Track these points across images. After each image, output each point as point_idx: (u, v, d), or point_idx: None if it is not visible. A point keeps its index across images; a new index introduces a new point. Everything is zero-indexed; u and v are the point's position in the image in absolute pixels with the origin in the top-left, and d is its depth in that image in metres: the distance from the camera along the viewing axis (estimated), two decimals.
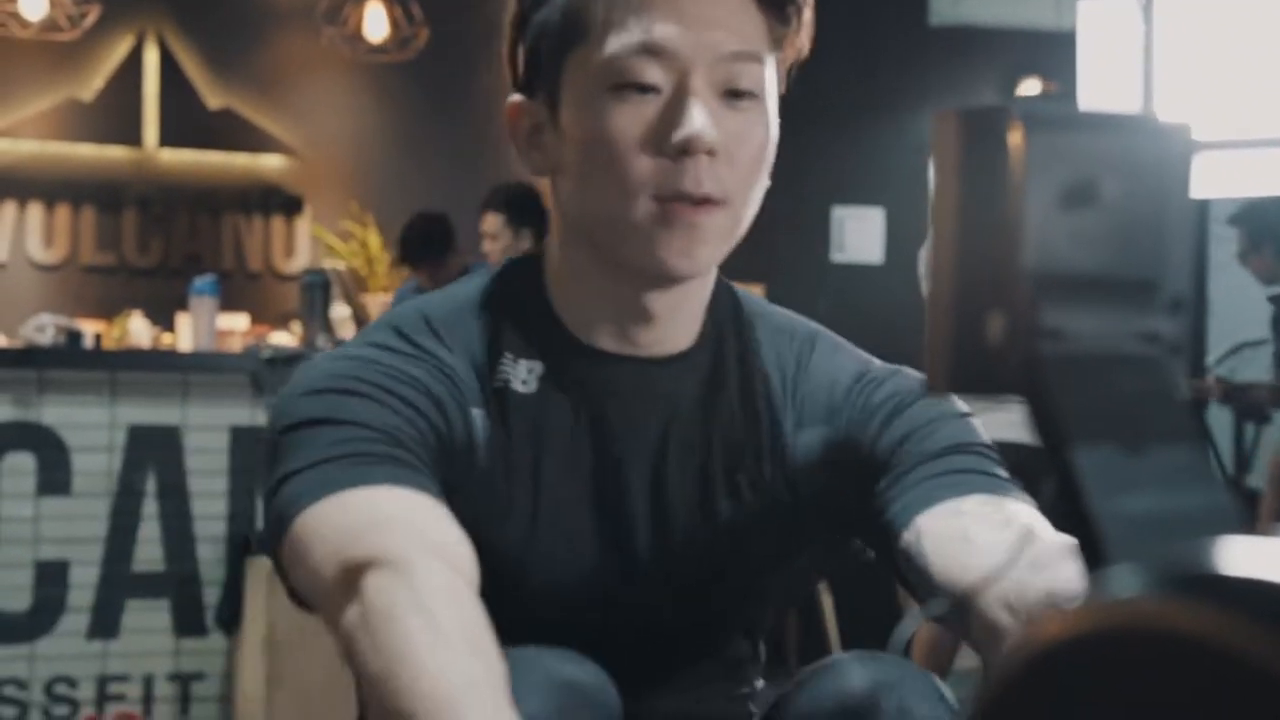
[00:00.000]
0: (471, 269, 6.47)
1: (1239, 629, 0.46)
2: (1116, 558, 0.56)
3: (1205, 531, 0.58)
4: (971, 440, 1.49)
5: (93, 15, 7.30)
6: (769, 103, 1.44)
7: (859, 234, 7.91)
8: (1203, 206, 7.54)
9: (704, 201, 1.39)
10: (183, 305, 6.57)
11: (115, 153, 7.89)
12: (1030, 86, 8.18)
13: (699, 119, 1.37)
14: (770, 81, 1.44)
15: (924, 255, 4.63)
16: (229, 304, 6.72)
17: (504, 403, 1.47)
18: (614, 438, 1.49)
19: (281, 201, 8.11)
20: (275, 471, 1.39)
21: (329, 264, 7.11)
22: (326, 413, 1.39)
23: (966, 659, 7.40)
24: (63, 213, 7.80)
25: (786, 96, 1.52)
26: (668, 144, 1.37)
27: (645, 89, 1.38)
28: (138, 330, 7.00)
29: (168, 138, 7.95)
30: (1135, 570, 0.49)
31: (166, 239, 7.98)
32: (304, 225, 8.13)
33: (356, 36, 7.83)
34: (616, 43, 1.39)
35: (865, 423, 1.52)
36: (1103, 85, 7.33)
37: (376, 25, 7.85)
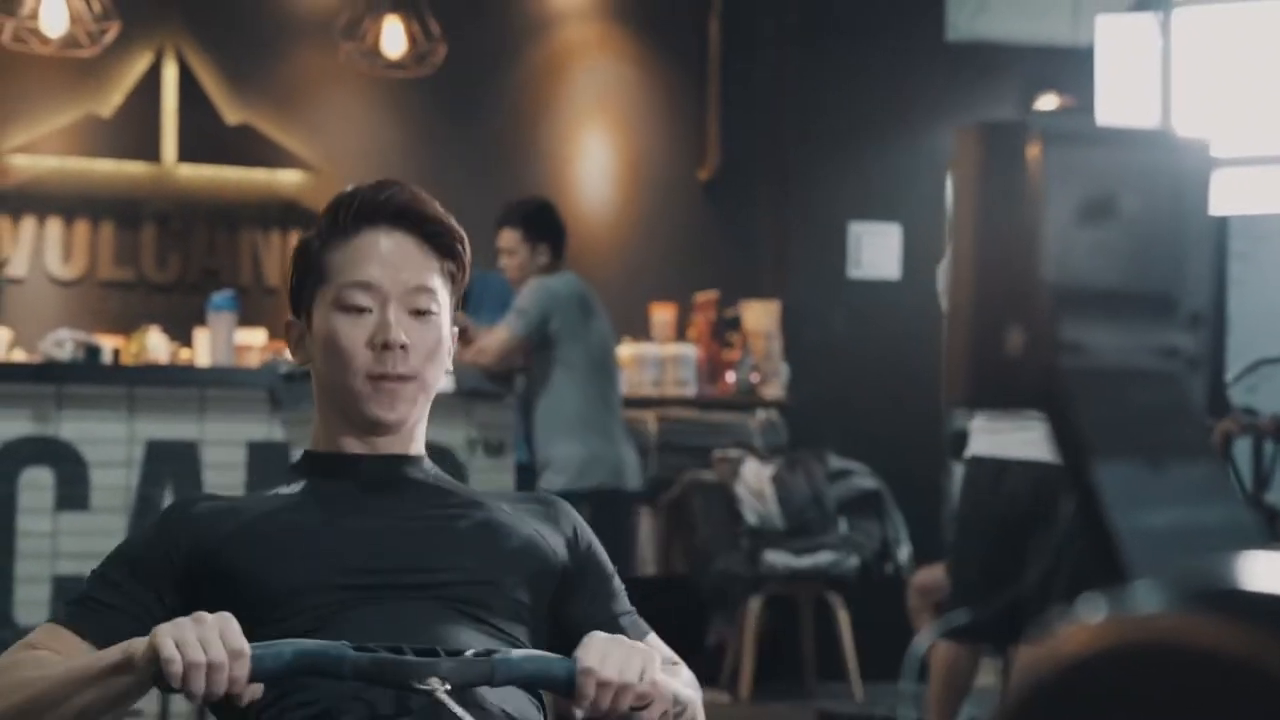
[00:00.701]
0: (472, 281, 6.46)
1: (1259, 643, 0.46)
2: (1137, 572, 0.56)
3: (1225, 546, 0.58)
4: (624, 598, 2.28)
5: (112, 32, 7.32)
6: (444, 316, 2.19)
7: (876, 250, 7.91)
8: (1222, 223, 7.53)
9: (399, 378, 2.14)
10: (201, 320, 6.59)
11: (134, 168, 7.91)
12: (1048, 102, 8.17)
13: (393, 327, 2.13)
14: (444, 301, 2.19)
15: (942, 270, 4.62)
16: (247, 319, 6.73)
17: (273, 502, 2.21)
18: (361, 495, 2.19)
19: (299, 217, 8.12)
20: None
21: None
22: (102, 568, 2.15)
23: (985, 676, 7.38)
24: (81, 228, 7.82)
25: (804, 112, 1.54)
26: (375, 343, 2.13)
27: (361, 309, 2.15)
28: (156, 345, 7.01)
29: (186, 153, 7.96)
30: (1156, 585, 0.49)
31: (185, 254, 7.99)
32: None
33: (374, 52, 7.85)
34: (343, 279, 2.16)
35: (567, 537, 2.25)
36: (1121, 100, 7.32)
37: (394, 41, 7.86)
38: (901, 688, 5.18)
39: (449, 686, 1.88)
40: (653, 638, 2.22)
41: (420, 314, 2.16)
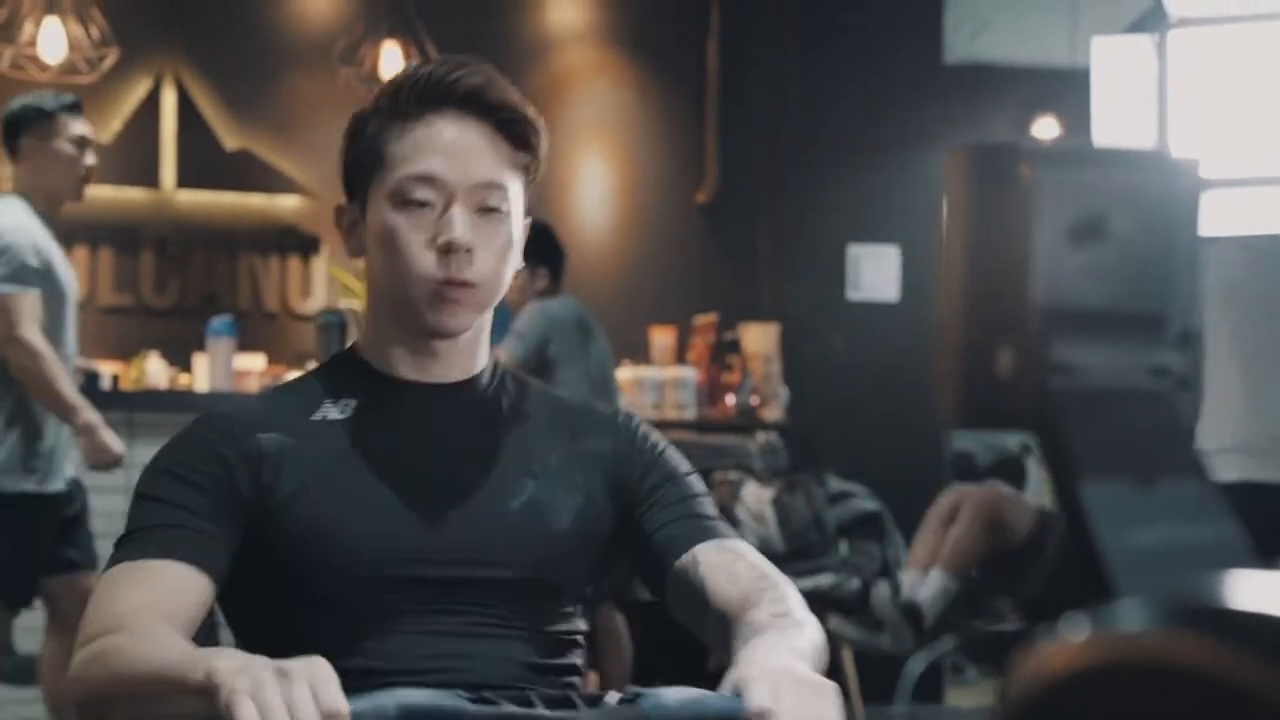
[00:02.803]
0: None
1: (1245, 663, 0.46)
2: (1126, 591, 0.56)
3: (1214, 565, 0.58)
4: (705, 493, 2.13)
5: (111, 58, 7.34)
6: (514, 215, 2.00)
7: (874, 272, 7.91)
8: (1206, 243, 7.52)
9: (462, 285, 1.95)
10: (200, 346, 6.60)
11: (133, 194, 7.92)
12: (1045, 124, 8.19)
13: (458, 228, 1.94)
14: (515, 198, 2.00)
15: None
16: (246, 344, 6.74)
17: (325, 429, 2.01)
18: (413, 439, 2.01)
19: (298, 242, 8.13)
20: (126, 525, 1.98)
21: (345, 304, 7.12)
22: (149, 490, 1.99)
23: (963, 698, 7.37)
24: (80, 253, 7.82)
25: (803, 135, 1.55)
26: (438, 243, 1.94)
27: (423, 204, 1.96)
28: (155, 371, 7.02)
29: (185, 179, 7.97)
30: (1143, 604, 0.49)
31: (184, 279, 8.00)
32: (320, 265, 8.15)
33: (372, 77, 7.86)
34: (404, 171, 1.97)
35: (636, 455, 2.09)
36: (1117, 121, 7.33)
37: (392, 66, 7.87)
38: (895, 710, 5.18)
39: None
40: (742, 545, 2.01)
41: (488, 212, 1.96)
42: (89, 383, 5.94)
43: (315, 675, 1.54)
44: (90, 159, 4.98)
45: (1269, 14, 6.93)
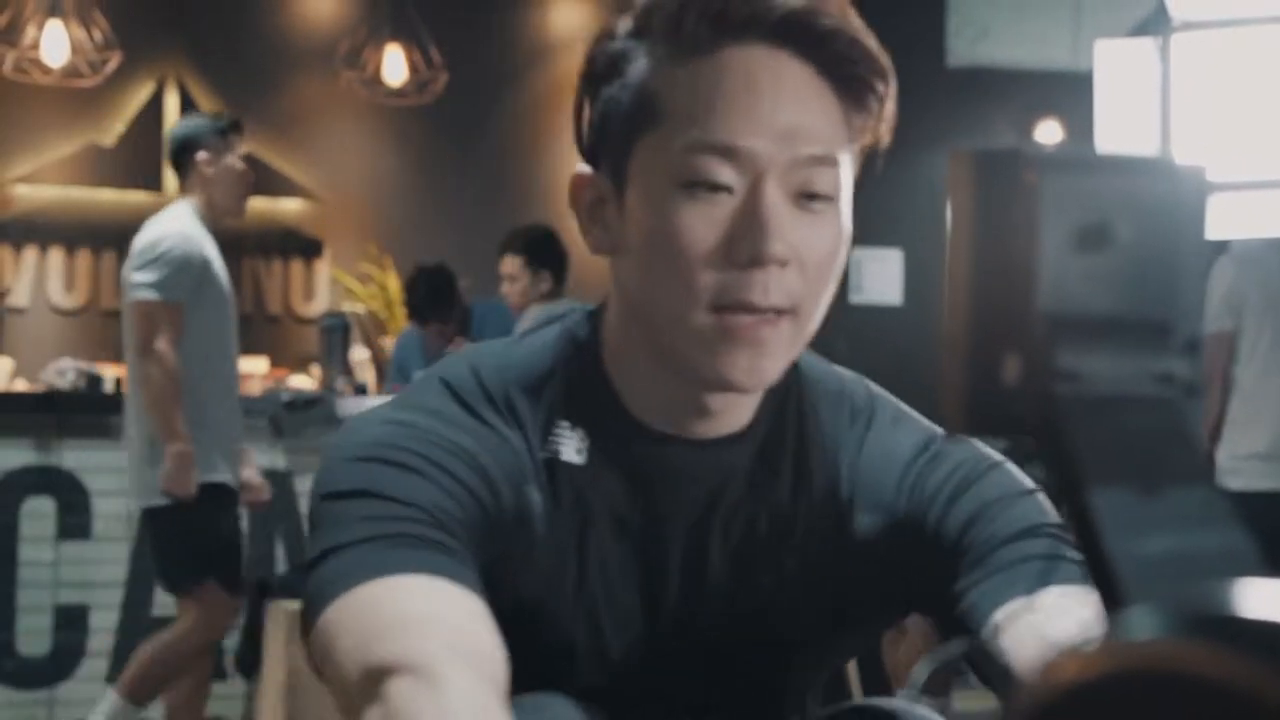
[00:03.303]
0: (473, 308, 6.47)
1: (1255, 672, 0.46)
2: (1133, 600, 0.56)
3: (1222, 573, 0.58)
4: (1043, 522, 1.42)
5: (114, 62, 7.34)
6: (843, 203, 1.39)
7: (877, 275, 7.91)
8: (1221, 248, 7.52)
9: (771, 313, 1.34)
10: None
11: (136, 197, 7.92)
12: (1048, 127, 8.18)
13: (772, 230, 1.32)
14: (846, 180, 1.40)
15: None
16: (248, 347, 6.73)
17: (554, 473, 1.44)
18: (657, 513, 1.47)
19: (300, 245, 8.14)
20: (315, 544, 1.34)
21: (348, 307, 7.13)
22: (369, 484, 1.34)
23: (970, 701, 7.35)
24: (84, 257, 7.83)
25: None
26: (738, 253, 1.32)
27: (717, 188, 1.33)
28: None
29: None
30: (1151, 612, 0.49)
31: None
32: (323, 268, 8.16)
33: (375, 80, 7.86)
34: (691, 137, 1.33)
35: (928, 504, 1.47)
36: (1120, 125, 7.33)
37: (395, 69, 7.88)
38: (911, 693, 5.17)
39: None
40: (1062, 593, 1.36)
41: (814, 200, 1.36)
42: (91, 386, 5.94)
43: None
44: (251, 176, 5.15)
45: (1273, 17, 6.92)
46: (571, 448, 1.45)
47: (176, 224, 4.90)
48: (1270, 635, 0.46)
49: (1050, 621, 1.32)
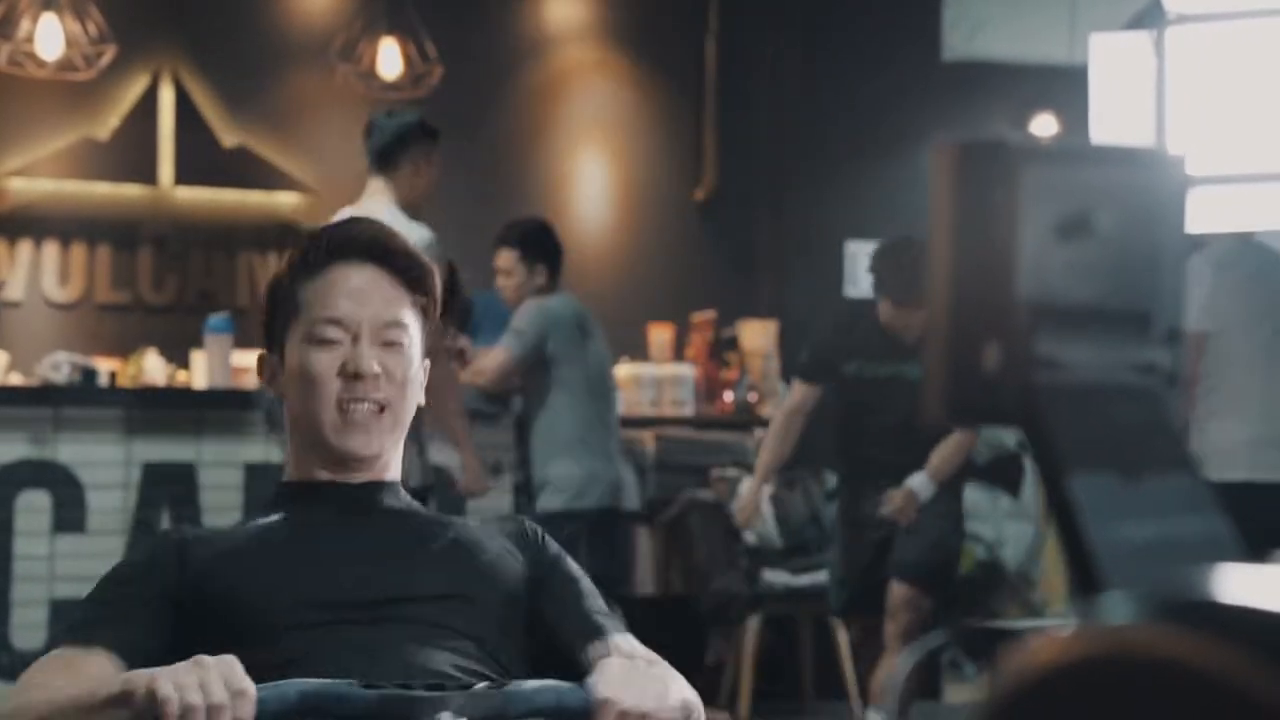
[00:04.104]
0: (473, 300, 6.47)
1: (1231, 656, 0.46)
2: (1113, 585, 0.57)
3: (1201, 559, 0.58)
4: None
5: (108, 55, 7.34)
6: (414, 347, 2.20)
7: None
8: (1197, 244, 7.52)
9: (372, 406, 2.15)
10: (198, 343, 6.60)
11: (131, 191, 7.92)
12: (1043, 121, 8.19)
13: (365, 358, 2.15)
14: (414, 331, 2.21)
15: None
16: (244, 341, 6.73)
17: (251, 531, 2.22)
18: (333, 516, 2.20)
19: (296, 239, 8.13)
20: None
21: None
22: (95, 594, 2.16)
23: (962, 694, 7.33)
24: (78, 251, 7.82)
25: (800, 132, 1.53)
26: (348, 371, 2.15)
27: (333, 342, 2.16)
28: (153, 368, 7.02)
29: (183, 176, 7.97)
30: (1128, 597, 0.49)
31: (182, 277, 7.99)
32: None
33: (370, 74, 7.86)
34: (315, 314, 2.18)
35: (537, 553, 2.25)
36: (1115, 119, 7.32)
37: (390, 63, 7.88)
38: (885, 708, 5.19)
39: None
40: (628, 638, 2.20)
41: (391, 345, 2.18)
42: (86, 380, 5.94)
43: (225, 663, 1.81)
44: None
45: (1268, 10, 6.92)
46: (265, 520, 2.23)
47: (388, 215, 5.04)
48: (1245, 620, 0.46)
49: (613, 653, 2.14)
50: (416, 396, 2.22)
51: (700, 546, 7.02)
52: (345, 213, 5.17)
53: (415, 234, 5.09)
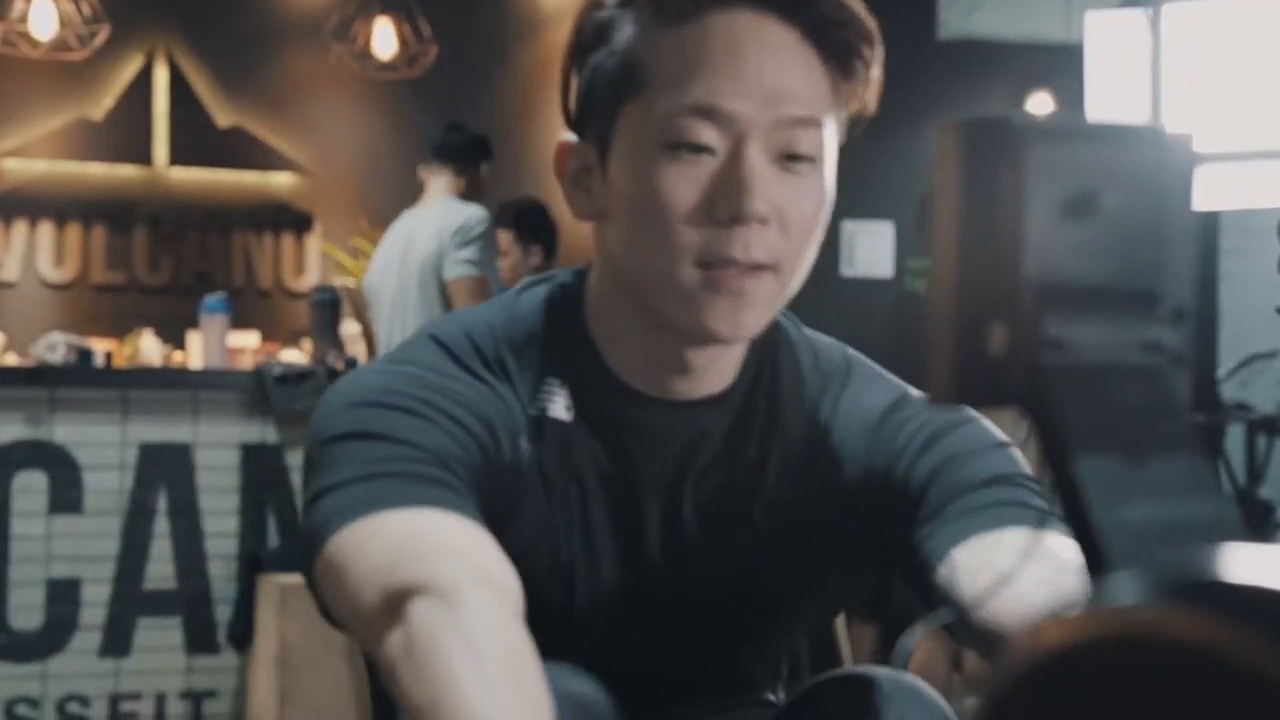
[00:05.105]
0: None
1: (1239, 637, 0.46)
2: (1119, 567, 0.56)
3: (1208, 541, 0.58)
4: (1011, 471, 1.45)
5: (102, 35, 7.32)
6: (826, 165, 1.43)
7: (869, 248, 7.91)
8: (1213, 219, 7.51)
9: (753, 268, 1.38)
10: (193, 323, 6.58)
11: (126, 171, 7.91)
12: (1039, 99, 8.17)
13: (753, 188, 1.36)
14: (830, 143, 1.43)
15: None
16: (239, 322, 6.73)
17: (542, 429, 1.47)
18: (637, 472, 1.50)
19: (291, 219, 8.12)
20: (313, 485, 1.35)
21: (339, 281, 7.12)
22: (371, 427, 1.36)
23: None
24: (73, 231, 7.81)
25: None
26: (719, 211, 1.36)
27: (699, 149, 1.37)
28: (148, 348, 7.01)
29: (178, 156, 7.96)
30: (1136, 577, 0.49)
31: (177, 257, 7.99)
32: (314, 242, 8.14)
33: (365, 54, 7.85)
34: (673, 100, 1.37)
35: (898, 455, 1.49)
36: (1111, 97, 7.32)
37: (385, 42, 7.86)
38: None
39: None
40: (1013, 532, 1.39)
41: (797, 161, 1.40)
42: (82, 360, 5.93)
43: None
44: None
45: None
46: (560, 405, 1.47)
47: (472, 207, 5.47)
48: (1254, 600, 0.46)
49: (1006, 557, 1.34)
50: (818, 243, 1.45)
51: None
52: (449, 208, 5.55)
53: (469, 210, 5.45)
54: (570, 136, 1.48)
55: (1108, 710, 0.47)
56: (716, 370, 1.50)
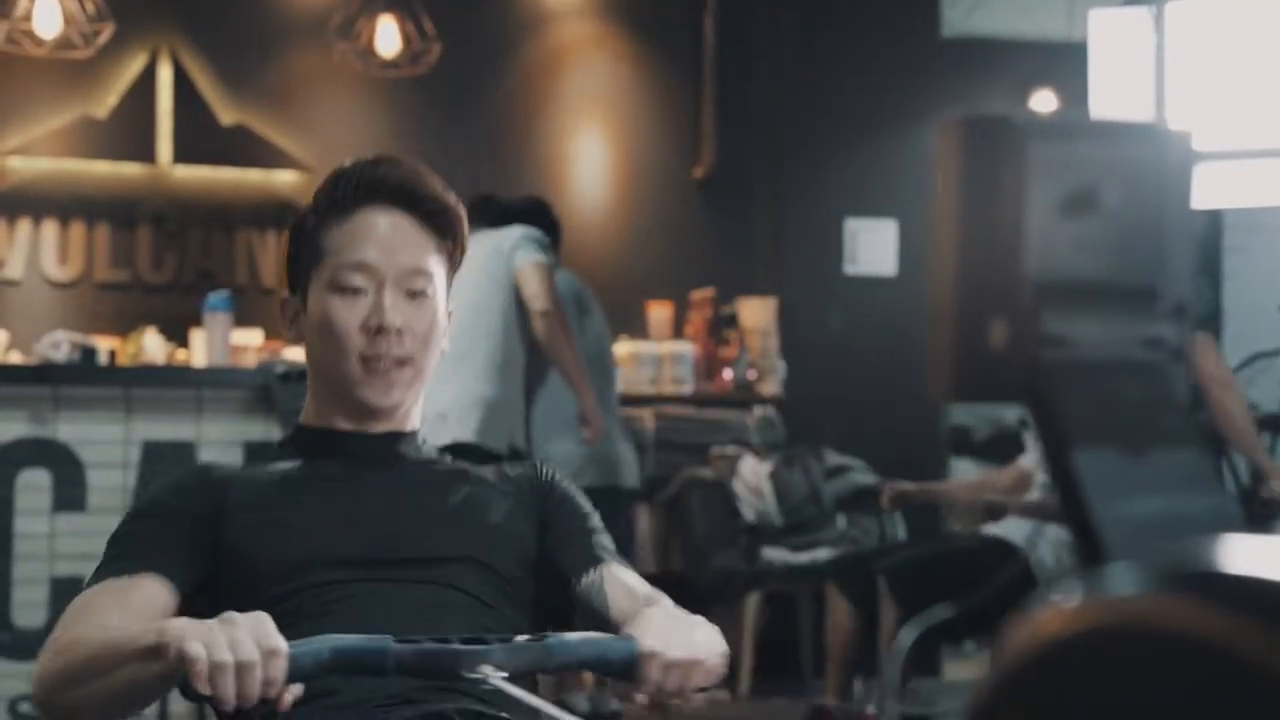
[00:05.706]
0: None
1: (1235, 626, 0.47)
2: (1117, 559, 0.57)
3: (1206, 534, 0.58)
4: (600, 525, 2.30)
5: (106, 33, 7.32)
6: (439, 298, 2.19)
7: (872, 246, 7.91)
8: (1216, 217, 7.52)
9: (396, 362, 2.15)
10: (197, 321, 6.59)
11: (129, 169, 7.90)
12: (1042, 97, 8.17)
13: (389, 313, 2.13)
14: (439, 279, 2.20)
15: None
16: (243, 320, 6.73)
17: (270, 477, 2.21)
18: (353, 468, 2.20)
19: (295, 217, 8.13)
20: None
21: None
22: (124, 528, 2.14)
23: (961, 671, 7.37)
24: (77, 230, 7.81)
25: (800, 109, 1.53)
26: (369, 325, 2.14)
27: (357, 290, 2.15)
28: (152, 346, 7.01)
29: (181, 154, 7.96)
30: (1133, 568, 0.49)
31: (180, 255, 7.98)
32: None
33: (369, 51, 7.85)
34: (340, 260, 2.16)
35: (548, 489, 2.27)
36: (1115, 95, 7.32)
37: (389, 40, 7.86)
38: (886, 682, 5.20)
39: (504, 674, 1.81)
40: (625, 568, 2.25)
41: (416, 295, 2.16)
42: (85, 358, 5.94)
43: (256, 620, 1.76)
44: None
45: None
46: (286, 463, 2.24)
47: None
48: (1250, 590, 0.46)
49: (631, 581, 2.21)
50: (440, 346, 2.20)
51: (700, 525, 7.03)
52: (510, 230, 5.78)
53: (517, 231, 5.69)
54: (285, 293, 2.27)
55: (1106, 698, 0.47)
56: (394, 424, 2.22)
